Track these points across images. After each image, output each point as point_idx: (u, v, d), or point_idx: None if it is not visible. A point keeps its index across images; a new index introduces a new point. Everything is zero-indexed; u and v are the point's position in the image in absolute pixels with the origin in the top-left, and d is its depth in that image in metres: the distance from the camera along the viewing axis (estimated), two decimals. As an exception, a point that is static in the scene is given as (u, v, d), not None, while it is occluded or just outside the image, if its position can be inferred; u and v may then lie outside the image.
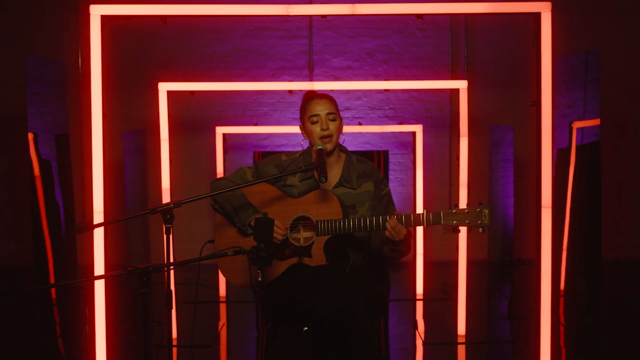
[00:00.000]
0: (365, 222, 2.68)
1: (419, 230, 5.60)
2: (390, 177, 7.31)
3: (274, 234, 2.73)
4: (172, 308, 2.35)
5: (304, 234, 2.79)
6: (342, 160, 2.95)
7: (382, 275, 3.15)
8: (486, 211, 2.62)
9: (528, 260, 6.75)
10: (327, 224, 2.73)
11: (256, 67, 7.34)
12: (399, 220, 2.64)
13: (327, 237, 2.75)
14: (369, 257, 3.02)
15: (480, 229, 2.63)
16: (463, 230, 4.42)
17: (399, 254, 2.81)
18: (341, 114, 7.43)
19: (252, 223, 2.76)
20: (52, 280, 4.92)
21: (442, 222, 2.62)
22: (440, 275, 6.48)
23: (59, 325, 4.74)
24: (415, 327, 4.76)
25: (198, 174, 7.14)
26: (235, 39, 7.33)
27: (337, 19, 7.31)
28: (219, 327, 4.80)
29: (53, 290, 4.92)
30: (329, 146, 2.82)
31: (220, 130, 5.44)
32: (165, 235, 2.39)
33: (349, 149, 7.27)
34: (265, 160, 3.00)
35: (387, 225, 2.65)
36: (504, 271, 6.47)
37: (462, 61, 7.36)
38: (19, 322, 4.88)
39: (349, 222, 2.70)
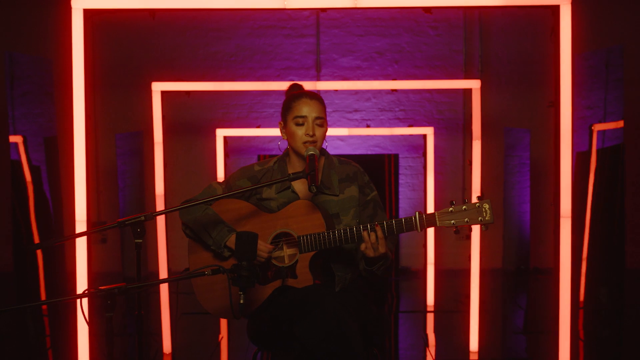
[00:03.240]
0: (352, 232, 2.38)
1: (430, 236, 5.33)
2: (400, 181, 7.06)
3: (258, 252, 2.45)
4: (142, 333, 2.09)
5: (288, 252, 2.51)
6: (321, 163, 2.65)
7: (383, 289, 2.84)
8: (486, 206, 2.31)
9: (545, 269, 6.50)
10: (310, 239, 2.44)
11: (261, 67, 7.12)
12: (389, 226, 2.34)
13: (312, 253, 2.46)
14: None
15: (483, 226, 2.33)
16: (476, 235, 4.17)
17: (373, 275, 2.49)
18: (349, 115, 7.32)
19: (229, 243, 2.48)
20: (42, 287, 4.79)
21: (438, 224, 2.32)
22: (453, 284, 6.24)
23: (49, 337, 4.57)
24: (426, 343, 4.50)
25: (199, 178, 6.90)
26: (240, 37, 7.11)
27: (345, 16, 7.09)
28: (219, 338, 4.56)
29: (42, 296, 4.78)
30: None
31: (221, 133, 5.21)
32: (136, 252, 2.12)
33: (358, 152, 7.14)
34: (236, 174, 2.72)
35: (365, 236, 2.34)
36: (520, 280, 6.24)
37: (476, 61, 7.10)
38: (8, 334, 4.68)
39: (334, 234, 2.40)
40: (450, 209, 2.33)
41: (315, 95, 2.60)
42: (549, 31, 3.15)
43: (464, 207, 2.33)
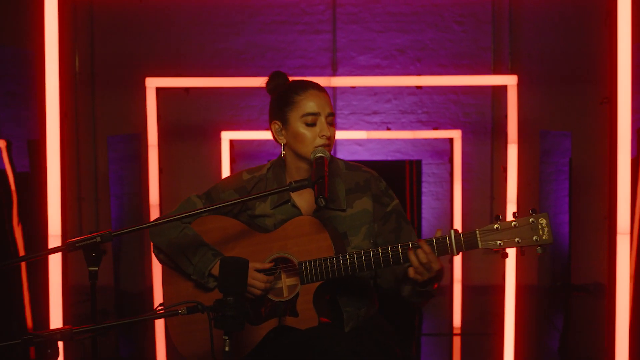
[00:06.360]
0: (368, 258, 1.88)
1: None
2: (423, 189, 6.63)
3: (251, 285, 1.94)
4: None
5: (287, 282, 2.01)
6: None
7: (407, 324, 2.31)
8: (543, 221, 1.84)
9: (583, 286, 6.15)
10: (315, 266, 1.94)
11: (273, 65, 6.70)
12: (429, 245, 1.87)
13: (318, 284, 1.97)
14: (382, 302, 2.20)
15: (539, 248, 1.84)
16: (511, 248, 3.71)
17: (427, 297, 2.02)
18: (368, 118, 6.92)
19: (214, 271, 1.98)
20: (27, 305, 4.50)
21: (480, 246, 1.87)
22: (481, 302, 5.83)
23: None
24: (453, 371, 4.05)
25: (202, 186, 6.45)
26: (250, 33, 6.75)
27: (363, 11, 6.75)
28: None
29: (29, 319, 4.48)
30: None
31: (227, 136, 4.82)
32: (90, 283, 1.65)
33: (377, 157, 6.70)
34: (220, 185, 2.23)
35: (412, 258, 1.86)
36: (556, 299, 5.77)
37: (506, 59, 6.70)
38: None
39: (344, 260, 1.92)
40: (496, 225, 1.86)
41: (320, 85, 2.13)
42: (585, 26, 2.68)
43: (513, 223, 1.86)
